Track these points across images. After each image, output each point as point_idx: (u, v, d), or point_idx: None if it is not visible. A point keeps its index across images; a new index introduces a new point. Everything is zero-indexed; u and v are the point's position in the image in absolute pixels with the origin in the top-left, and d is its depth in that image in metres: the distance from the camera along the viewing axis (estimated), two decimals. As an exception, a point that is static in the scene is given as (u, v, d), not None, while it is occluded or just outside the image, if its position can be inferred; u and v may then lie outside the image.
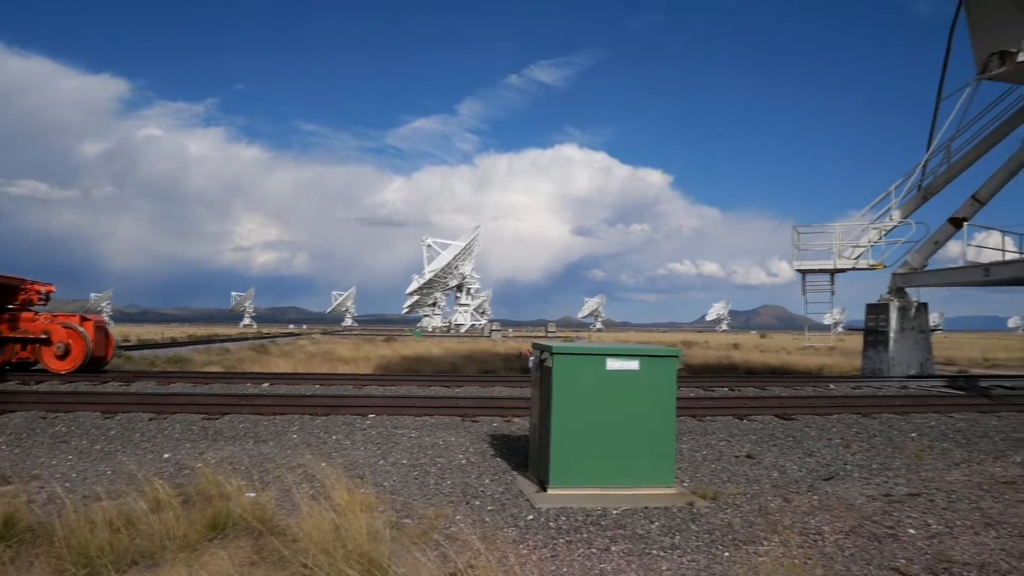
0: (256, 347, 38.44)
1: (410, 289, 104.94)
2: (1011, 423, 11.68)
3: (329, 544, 4.56)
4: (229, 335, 63.93)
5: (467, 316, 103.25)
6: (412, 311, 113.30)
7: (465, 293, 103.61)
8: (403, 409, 11.43)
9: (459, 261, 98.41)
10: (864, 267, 21.93)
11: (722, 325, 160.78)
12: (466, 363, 29.06)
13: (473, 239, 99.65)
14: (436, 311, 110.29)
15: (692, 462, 8.65)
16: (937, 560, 5.28)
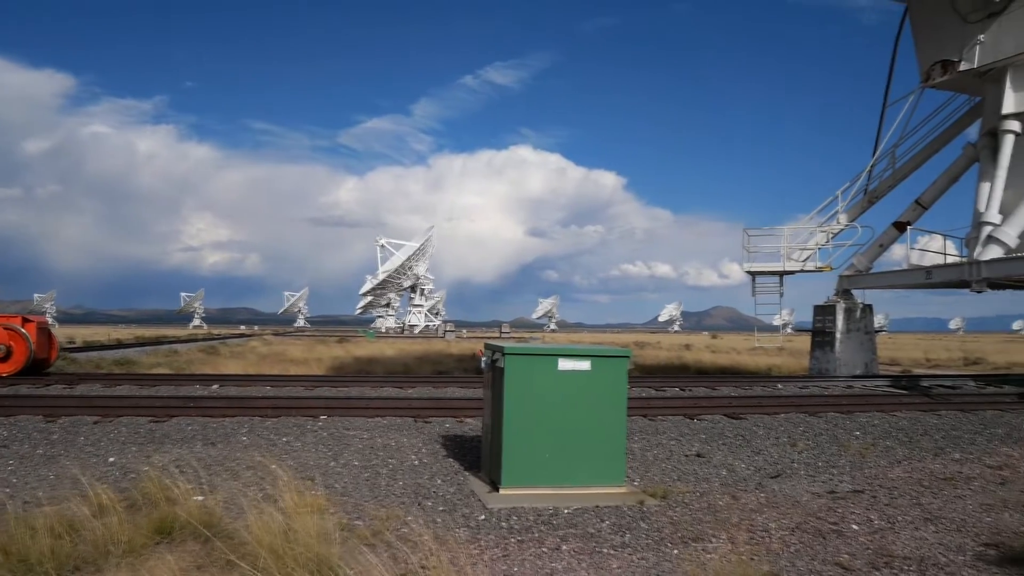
0: (206, 348, 37.84)
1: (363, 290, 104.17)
2: (950, 421, 12.01)
3: (278, 547, 4.52)
4: (178, 336, 62.80)
5: (421, 317, 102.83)
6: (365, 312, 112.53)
7: (419, 294, 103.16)
8: (355, 410, 11.35)
9: (413, 262, 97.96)
10: (812, 269, 22.37)
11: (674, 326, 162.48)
12: (419, 364, 28.97)
13: (427, 240, 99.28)
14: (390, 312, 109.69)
15: (643, 461, 8.74)
16: (879, 555, 5.41)
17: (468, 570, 4.40)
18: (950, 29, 19.28)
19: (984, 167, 18.85)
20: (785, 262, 22.14)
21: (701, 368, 28.34)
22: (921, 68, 20.43)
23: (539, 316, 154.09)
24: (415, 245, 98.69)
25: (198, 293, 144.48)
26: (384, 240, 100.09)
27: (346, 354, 34.90)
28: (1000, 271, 17.07)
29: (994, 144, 18.42)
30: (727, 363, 30.94)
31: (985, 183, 18.27)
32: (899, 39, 21.93)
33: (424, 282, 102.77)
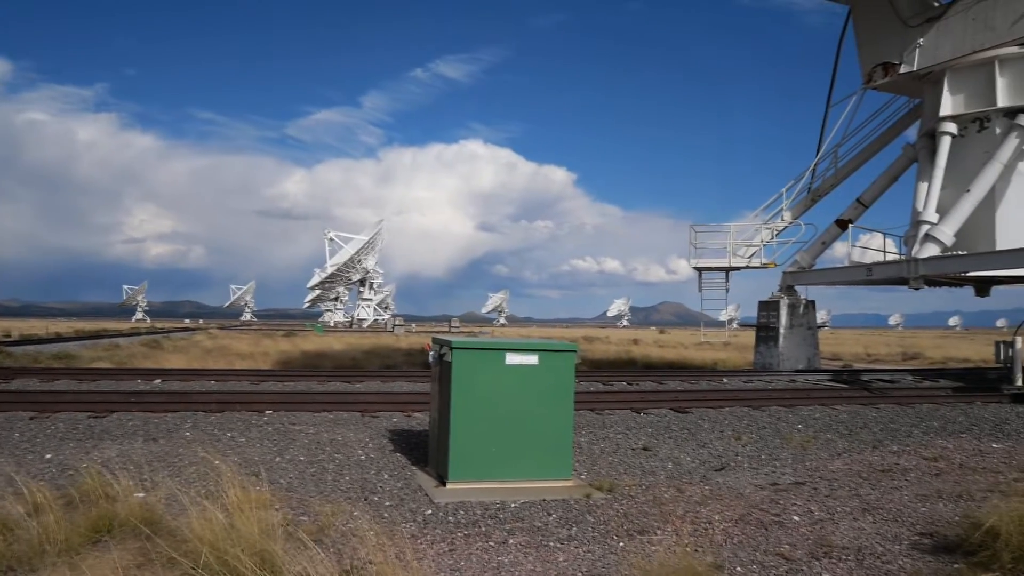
0: (148, 342, 37.05)
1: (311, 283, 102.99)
2: (888, 414, 12.33)
3: (221, 543, 4.44)
4: (120, 330, 61.40)
5: (370, 311, 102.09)
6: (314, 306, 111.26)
7: (368, 288, 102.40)
8: (301, 405, 11.24)
9: (362, 255, 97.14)
10: (757, 265, 22.76)
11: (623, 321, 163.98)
12: (368, 358, 28.77)
13: (376, 233, 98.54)
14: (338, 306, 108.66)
15: (590, 455, 8.81)
16: (819, 545, 5.53)
17: (414, 565, 4.38)
18: (891, 32, 19.77)
19: (922, 167, 19.36)
20: (731, 258, 22.50)
21: (649, 363, 28.66)
22: (863, 70, 20.91)
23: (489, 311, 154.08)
24: (364, 239, 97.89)
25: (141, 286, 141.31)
26: (333, 233, 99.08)
27: (293, 348, 34.48)
28: (936, 269, 17.56)
29: (932, 145, 18.93)
30: (674, 358, 31.34)
31: (923, 183, 18.76)
32: (842, 41, 22.41)
33: (373, 276, 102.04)
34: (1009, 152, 17.12)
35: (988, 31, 17.72)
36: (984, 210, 17.51)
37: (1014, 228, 17.31)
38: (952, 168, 18.16)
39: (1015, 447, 10.10)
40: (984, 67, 17.90)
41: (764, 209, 23.12)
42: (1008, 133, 17.30)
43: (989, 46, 17.67)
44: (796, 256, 22.86)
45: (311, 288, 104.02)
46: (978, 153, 17.84)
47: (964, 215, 17.38)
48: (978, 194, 17.27)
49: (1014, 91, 17.53)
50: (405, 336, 55.53)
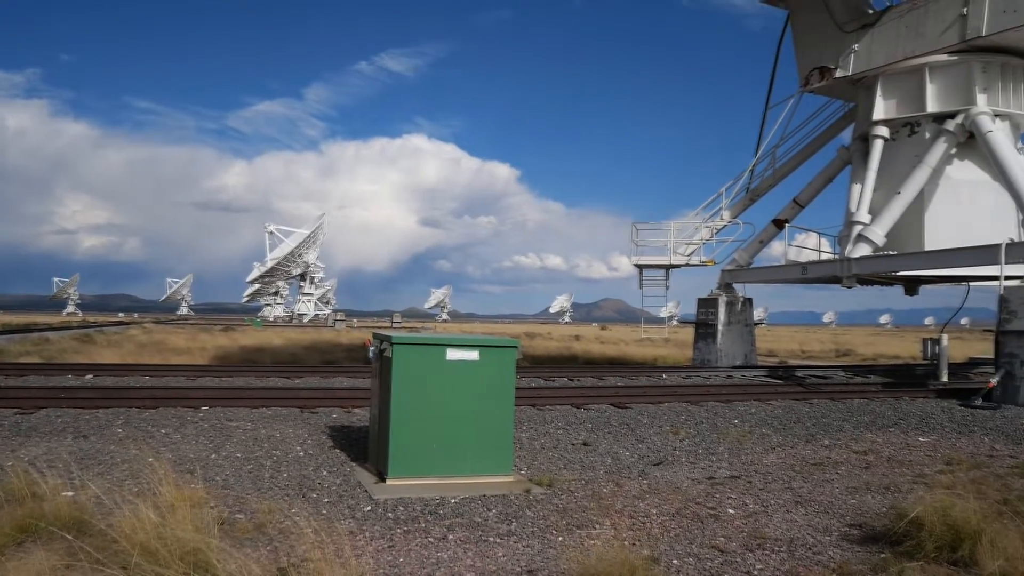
0: (80, 336, 36.02)
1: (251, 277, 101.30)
2: (821, 409, 12.65)
3: (152, 543, 4.35)
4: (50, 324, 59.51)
5: (311, 306, 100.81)
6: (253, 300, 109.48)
7: (309, 282, 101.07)
8: (239, 401, 11.05)
9: (303, 249, 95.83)
10: (696, 263, 23.10)
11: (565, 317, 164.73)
12: (308, 354, 28.44)
13: (318, 227, 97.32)
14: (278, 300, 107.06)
15: (530, 450, 8.85)
16: (752, 537, 5.65)
17: (352, 562, 4.35)
18: (828, 37, 20.24)
19: (856, 169, 19.87)
20: (671, 256, 22.78)
21: (590, 359, 28.89)
22: (801, 73, 21.37)
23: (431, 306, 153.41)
24: (305, 232, 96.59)
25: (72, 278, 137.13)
26: (273, 227, 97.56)
27: (231, 343, 33.90)
28: (868, 268, 18.06)
29: (865, 148, 19.44)
30: (615, 354, 31.65)
31: (856, 184, 19.26)
32: (781, 45, 22.88)
33: (314, 270, 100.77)
34: (937, 156, 17.68)
35: (919, 39, 18.26)
36: (913, 212, 18.05)
37: (941, 230, 17.88)
38: (884, 171, 18.68)
39: (939, 441, 10.47)
40: (915, 73, 18.44)
41: (704, 208, 23.50)
42: (936, 138, 17.86)
43: (920, 53, 18.21)
44: (734, 254, 23.28)
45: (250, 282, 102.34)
46: (908, 157, 18.37)
47: (894, 216, 17.90)
48: (908, 196, 17.80)
49: (943, 97, 18.10)
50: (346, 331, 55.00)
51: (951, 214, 18.05)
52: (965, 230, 17.19)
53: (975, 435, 10.99)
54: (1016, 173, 16.14)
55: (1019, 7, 16.33)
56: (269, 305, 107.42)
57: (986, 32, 16.90)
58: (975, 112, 17.30)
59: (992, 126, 17.08)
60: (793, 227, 22.06)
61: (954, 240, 16.89)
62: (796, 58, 21.56)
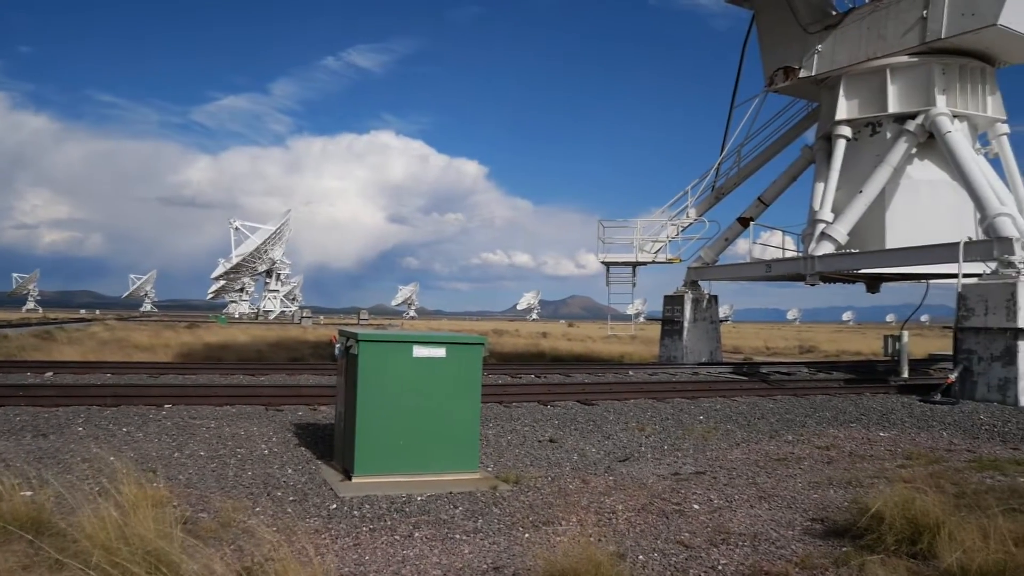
0: (40, 333, 35.34)
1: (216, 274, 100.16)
2: (785, 405, 12.80)
3: (113, 543, 4.28)
4: (9, 320, 58.38)
5: (276, 303, 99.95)
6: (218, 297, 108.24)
7: (275, 279, 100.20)
8: (203, 399, 10.92)
9: (269, 246, 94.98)
10: (662, 261, 23.27)
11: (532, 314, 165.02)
12: (274, 351, 28.20)
13: (284, 223, 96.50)
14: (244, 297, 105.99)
15: (497, 447, 8.85)
16: (717, 532, 5.70)
17: (316, 561, 4.32)
18: (792, 38, 20.50)
19: (819, 168, 20.15)
20: (638, 253, 22.92)
21: (557, 356, 28.97)
22: (765, 73, 21.62)
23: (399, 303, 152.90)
24: (271, 229, 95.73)
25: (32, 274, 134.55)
26: (238, 223, 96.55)
27: (196, 340, 33.49)
28: (831, 266, 18.32)
29: (828, 148, 19.72)
30: (582, 351, 31.75)
31: (819, 183, 19.52)
32: (746, 45, 23.15)
33: (280, 267, 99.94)
34: (898, 156, 17.98)
35: (880, 40, 18.55)
36: (875, 211, 18.34)
37: (902, 228, 18.19)
38: (846, 170, 18.96)
39: (900, 435, 10.65)
40: (877, 74, 18.73)
41: (670, 206, 23.69)
42: (898, 138, 18.16)
43: (881, 55, 18.51)
44: (700, 252, 23.48)
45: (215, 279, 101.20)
46: (870, 156, 18.67)
47: (857, 215, 18.17)
48: (870, 195, 18.08)
49: (904, 98, 18.41)
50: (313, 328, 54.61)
51: (911, 213, 18.37)
52: (925, 229, 17.51)
53: (934, 430, 11.20)
54: (974, 173, 16.46)
55: (977, 10, 16.66)
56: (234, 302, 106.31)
57: (945, 34, 17.23)
58: (935, 113, 17.63)
59: (951, 127, 17.41)
60: (758, 225, 22.33)
61: (914, 239, 17.20)
62: (761, 58, 21.81)
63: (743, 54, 23.32)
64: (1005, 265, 14.27)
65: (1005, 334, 13.61)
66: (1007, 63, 18.96)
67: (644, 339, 35.53)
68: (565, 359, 26.92)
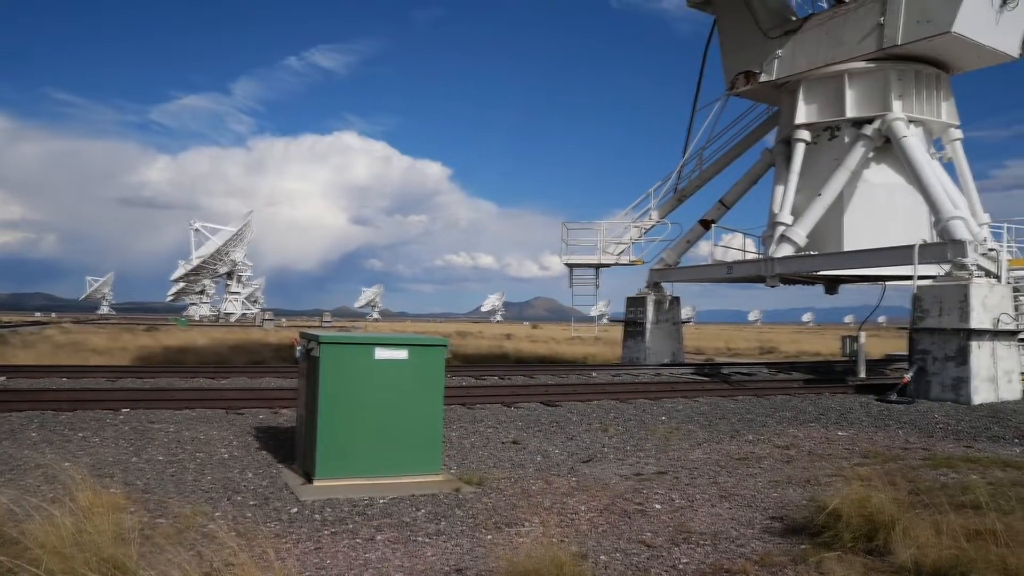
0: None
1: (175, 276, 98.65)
2: (746, 405, 12.96)
3: (67, 551, 4.20)
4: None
5: (238, 305, 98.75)
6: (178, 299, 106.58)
7: (236, 281, 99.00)
8: (161, 402, 10.77)
9: (230, 247, 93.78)
10: (625, 263, 23.40)
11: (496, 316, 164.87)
12: (234, 353, 27.85)
13: (245, 225, 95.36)
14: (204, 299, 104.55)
15: (460, 449, 8.84)
16: (678, 531, 5.75)
17: (277, 565, 4.28)
18: (753, 43, 20.76)
19: (779, 172, 20.42)
20: (601, 255, 23.02)
21: (521, 357, 28.99)
22: (727, 77, 21.87)
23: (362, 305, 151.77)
24: (232, 230, 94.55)
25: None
26: (199, 224, 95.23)
27: (155, 343, 32.96)
28: (790, 268, 18.57)
29: (788, 151, 19.99)
30: (546, 352, 31.82)
31: (779, 186, 19.79)
32: (708, 49, 23.38)
33: (242, 269, 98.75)
34: (856, 160, 18.29)
35: (839, 46, 18.86)
36: (833, 213, 18.64)
37: (860, 231, 18.51)
38: (806, 173, 19.23)
39: (857, 435, 10.83)
40: (835, 79, 19.05)
41: (633, 208, 23.82)
42: (855, 142, 18.47)
43: (839, 60, 18.82)
44: (662, 254, 23.67)
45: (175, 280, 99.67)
46: (829, 160, 18.97)
47: (816, 218, 18.45)
48: (828, 198, 18.37)
49: (861, 103, 18.74)
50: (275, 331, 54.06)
51: (869, 216, 18.70)
52: (882, 231, 17.85)
53: (891, 429, 11.41)
54: (928, 177, 16.80)
55: (932, 18, 17.01)
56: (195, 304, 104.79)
57: (901, 41, 17.57)
58: (891, 118, 17.96)
59: (907, 132, 17.75)
60: (719, 227, 22.55)
61: (871, 241, 17.51)
62: (723, 62, 22.06)
63: (705, 58, 23.60)
64: (958, 267, 14.60)
65: (958, 335, 13.90)
66: (961, 70, 19.38)
67: (608, 340, 35.70)
68: (529, 361, 26.95)
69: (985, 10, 17.06)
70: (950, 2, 16.67)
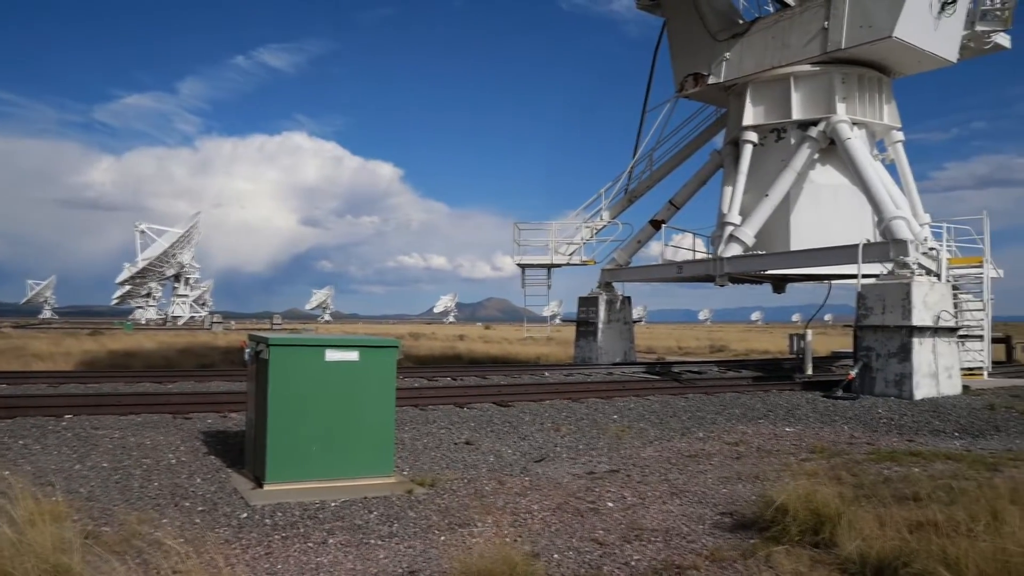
0: (-74, 343, 33.42)
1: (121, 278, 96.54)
2: (696, 403, 13.11)
3: (6, 562, 4.09)
4: None
5: (186, 308, 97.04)
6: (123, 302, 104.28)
7: (184, 283, 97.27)
8: (106, 408, 10.52)
9: (177, 249, 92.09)
10: (577, 263, 23.52)
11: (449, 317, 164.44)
12: (182, 357, 27.33)
13: (193, 226, 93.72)
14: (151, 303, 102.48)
15: (413, 451, 8.80)
16: (630, 529, 5.80)
17: (226, 572, 4.22)
18: (702, 45, 21.05)
19: (727, 172, 20.72)
20: (553, 256, 23.12)
21: (474, 358, 28.96)
22: (676, 79, 22.13)
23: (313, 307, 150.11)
24: (179, 232, 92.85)
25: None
26: (144, 226, 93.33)
27: (99, 348, 32.17)
28: (739, 267, 18.86)
29: (736, 152, 20.30)
30: (499, 353, 31.83)
31: (728, 187, 20.08)
32: (657, 51, 23.63)
33: (189, 271, 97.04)
34: (802, 161, 18.65)
35: (785, 49, 19.21)
36: (781, 213, 18.97)
37: (806, 231, 18.87)
38: (753, 174, 19.54)
39: (805, 430, 11.04)
40: (781, 82, 19.40)
41: (584, 208, 23.98)
42: (801, 144, 18.83)
43: (785, 63, 19.17)
44: (614, 254, 23.85)
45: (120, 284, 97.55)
46: (776, 161, 19.31)
47: (763, 218, 18.76)
48: (775, 199, 18.70)
49: (807, 105, 19.12)
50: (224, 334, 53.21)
51: (815, 216, 19.08)
52: (827, 231, 18.23)
53: (836, 424, 11.65)
54: (871, 178, 17.19)
55: (874, 23, 17.43)
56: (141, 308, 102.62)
57: (845, 45, 17.96)
58: (835, 120, 18.35)
59: (850, 134, 18.14)
60: (669, 228, 22.79)
61: (817, 241, 17.87)
62: (672, 64, 22.31)
63: (654, 60, 23.83)
64: (900, 266, 14.96)
65: (901, 332, 14.25)
66: (902, 74, 19.88)
67: (560, 340, 35.86)
68: (482, 361, 26.94)
69: (924, 16, 17.53)
70: (891, 8, 17.09)
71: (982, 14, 19.34)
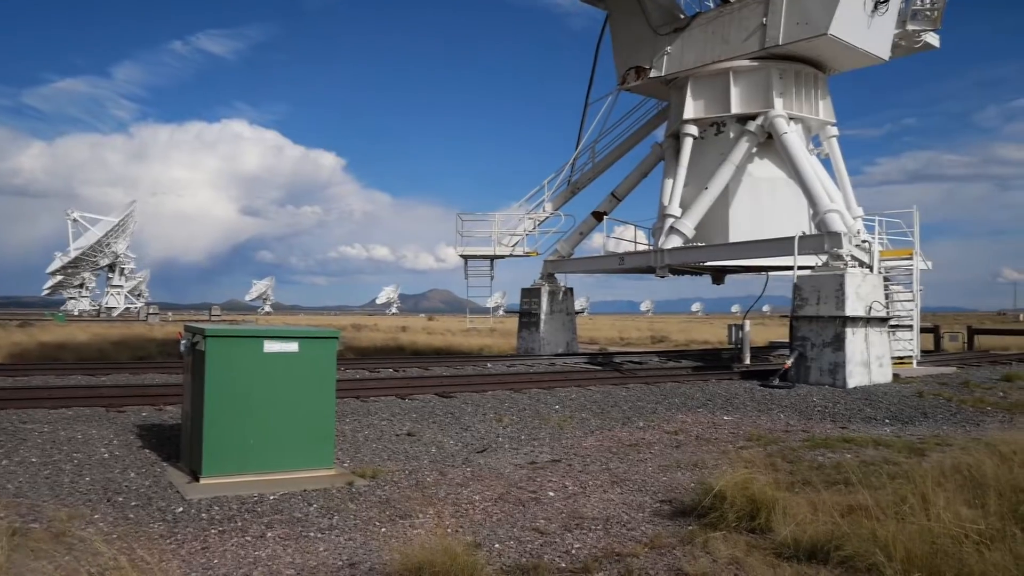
0: None
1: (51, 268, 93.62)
2: (637, 393, 13.26)
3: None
4: None
5: (120, 299, 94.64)
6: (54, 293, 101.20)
7: (118, 274, 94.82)
8: (35, 401, 10.20)
9: (112, 238, 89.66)
10: (520, 254, 23.59)
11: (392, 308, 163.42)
12: (117, 349, 26.64)
13: (128, 215, 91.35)
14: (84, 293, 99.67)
15: (354, 442, 8.73)
16: (571, 518, 5.85)
17: (160, 567, 4.13)
18: (644, 39, 21.22)
19: (668, 165, 20.96)
20: (496, 247, 23.14)
21: (416, 350, 28.84)
22: (618, 72, 22.27)
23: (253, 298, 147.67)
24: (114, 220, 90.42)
25: None
26: (77, 214, 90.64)
27: (29, 340, 31.16)
28: (679, 258, 19.11)
29: (676, 145, 20.54)
30: (441, 344, 31.76)
31: (668, 180, 20.32)
32: (600, 44, 23.76)
33: (124, 261, 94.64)
34: (740, 155, 18.96)
35: (724, 44, 19.49)
36: (720, 206, 19.28)
37: (745, 223, 19.22)
38: (694, 167, 19.81)
39: (742, 419, 11.26)
40: (721, 76, 19.67)
41: (527, 200, 24.02)
42: (740, 137, 19.15)
43: (725, 58, 19.45)
44: (556, 245, 23.95)
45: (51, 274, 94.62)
46: (715, 154, 19.60)
47: (703, 210, 19.04)
48: (714, 191, 18.98)
49: (745, 99, 19.42)
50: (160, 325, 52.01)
51: (753, 209, 19.44)
52: (765, 224, 18.60)
53: (773, 412, 11.91)
54: (807, 172, 17.58)
55: (810, 20, 17.78)
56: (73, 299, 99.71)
57: (782, 41, 18.30)
58: (773, 115, 18.68)
59: (787, 128, 18.50)
60: (611, 219, 22.97)
61: (755, 232, 18.22)
62: (614, 57, 22.45)
63: (597, 53, 23.95)
64: (835, 258, 15.34)
65: (835, 322, 14.62)
66: (837, 71, 20.34)
67: (503, 332, 35.91)
68: (424, 353, 26.85)
69: (858, 14, 17.94)
70: (827, 6, 17.46)
71: (913, 14, 19.87)
